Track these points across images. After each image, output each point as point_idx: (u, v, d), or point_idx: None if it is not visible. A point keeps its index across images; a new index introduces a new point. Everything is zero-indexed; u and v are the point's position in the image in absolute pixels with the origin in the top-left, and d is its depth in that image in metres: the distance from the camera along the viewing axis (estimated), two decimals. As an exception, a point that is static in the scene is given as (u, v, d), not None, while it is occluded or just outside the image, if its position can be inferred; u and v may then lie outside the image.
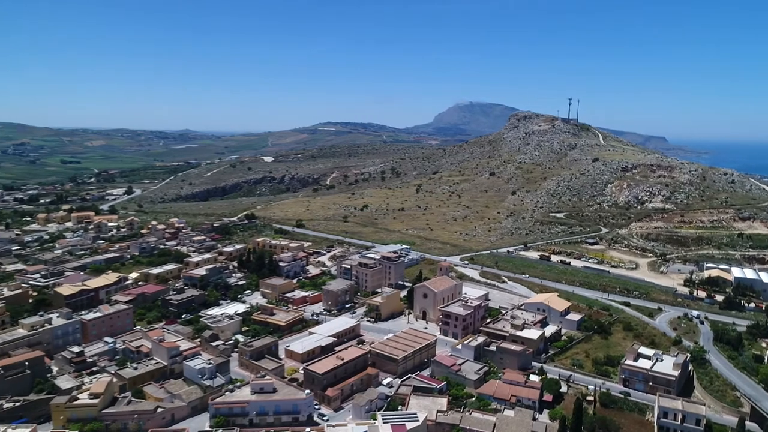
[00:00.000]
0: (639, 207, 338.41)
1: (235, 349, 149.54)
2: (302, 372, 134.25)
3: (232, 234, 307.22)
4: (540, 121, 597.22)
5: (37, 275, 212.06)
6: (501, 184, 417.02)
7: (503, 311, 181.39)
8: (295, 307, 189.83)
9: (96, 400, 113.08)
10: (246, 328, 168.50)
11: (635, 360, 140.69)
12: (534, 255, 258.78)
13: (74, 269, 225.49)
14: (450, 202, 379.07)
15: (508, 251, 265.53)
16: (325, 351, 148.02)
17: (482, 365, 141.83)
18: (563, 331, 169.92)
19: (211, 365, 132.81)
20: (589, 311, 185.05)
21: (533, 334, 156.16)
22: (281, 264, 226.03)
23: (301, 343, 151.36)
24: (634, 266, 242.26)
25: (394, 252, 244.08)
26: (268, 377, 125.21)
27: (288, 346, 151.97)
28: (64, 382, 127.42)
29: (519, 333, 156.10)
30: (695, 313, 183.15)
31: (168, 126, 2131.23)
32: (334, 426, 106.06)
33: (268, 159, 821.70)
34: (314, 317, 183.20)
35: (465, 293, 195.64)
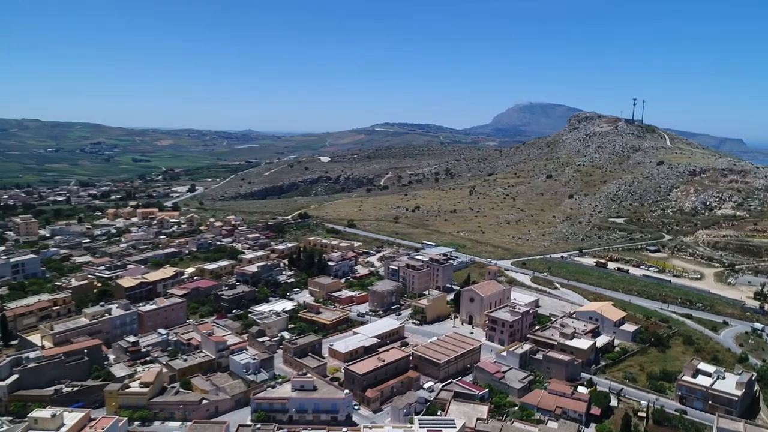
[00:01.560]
0: (707, 213, 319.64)
1: (280, 346, 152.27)
2: (343, 371, 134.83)
3: (286, 232, 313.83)
4: (602, 123, 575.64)
5: (102, 267, 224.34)
6: (558, 187, 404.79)
7: (553, 319, 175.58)
8: (341, 307, 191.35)
9: (146, 389, 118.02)
10: (292, 326, 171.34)
11: (694, 376, 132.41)
12: (589, 261, 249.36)
13: (136, 262, 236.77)
14: (504, 205, 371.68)
15: (562, 257, 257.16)
16: (368, 351, 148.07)
17: (527, 374, 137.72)
18: (616, 342, 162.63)
19: (255, 360, 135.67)
20: (646, 322, 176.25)
21: (583, 343, 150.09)
22: (330, 263, 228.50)
23: (344, 343, 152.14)
24: (699, 276, 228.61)
25: (443, 254, 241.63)
26: (309, 375, 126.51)
27: (331, 345, 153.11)
28: (119, 370, 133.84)
29: (568, 342, 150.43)
30: (765, 328, 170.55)
31: (232, 126, 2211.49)
32: (370, 428, 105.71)
33: (325, 159, 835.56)
34: (360, 317, 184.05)
35: (514, 299, 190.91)
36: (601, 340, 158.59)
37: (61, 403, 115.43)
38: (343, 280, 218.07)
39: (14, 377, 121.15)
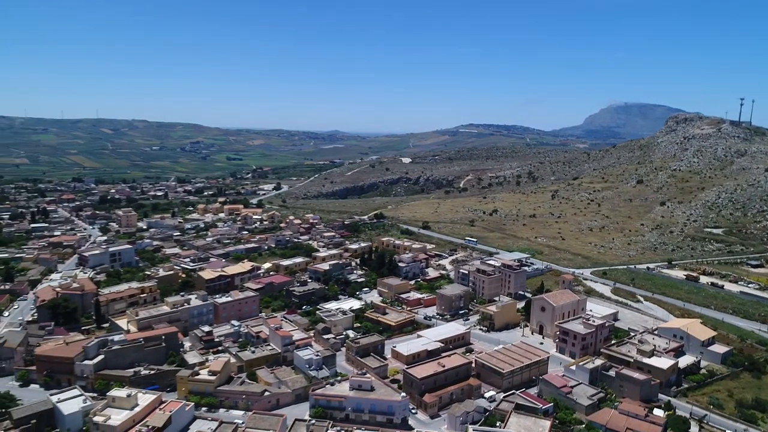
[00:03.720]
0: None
1: (344, 344, 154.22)
2: (402, 374, 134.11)
3: (361, 232, 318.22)
4: (703, 124, 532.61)
5: (188, 259, 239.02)
6: (649, 193, 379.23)
7: (632, 334, 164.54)
8: (408, 308, 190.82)
9: (213, 377, 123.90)
10: (358, 325, 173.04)
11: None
12: (679, 274, 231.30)
13: (219, 256, 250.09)
14: (587, 211, 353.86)
15: (648, 268, 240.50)
16: (431, 355, 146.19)
17: (597, 390, 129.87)
18: (703, 363, 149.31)
19: (318, 357, 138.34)
20: (740, 344, 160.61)
21: (663, 362, 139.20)
22: (400, 264, 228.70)
23: (407, 345, 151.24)
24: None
25: (517, 260, 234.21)
26: (367, 375, 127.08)
27: (394, 347, 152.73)
28: (192, 357, 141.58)
29: (646, 360, 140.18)
30: None
31: (319, 127, 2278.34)
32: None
33: (406, 160, 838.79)
34: (426, 320, 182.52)
35: (590, 310, 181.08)
36: (685, 360, 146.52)
37: (139, 384, 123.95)
38: (412, 282, 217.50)
39: (100, 357, 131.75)
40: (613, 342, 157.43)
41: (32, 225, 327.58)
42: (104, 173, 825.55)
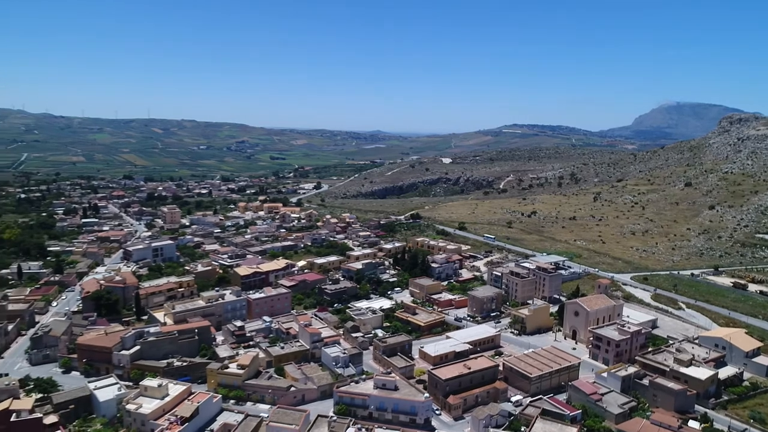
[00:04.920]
0: None
1: (372, 343, 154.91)
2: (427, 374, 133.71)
3: (396, 232, 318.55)
4: (759, 125, 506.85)
5: (226, 256, 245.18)
6: (697, 197, 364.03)
7: (671, 342, 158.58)
8: (439, 309, 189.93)
9: (241, 371, 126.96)
10: (387, 324, 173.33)
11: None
12: (726, 281, 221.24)
13: (256, 253, 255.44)
14: (631, 214, 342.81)
15: (692, 274, 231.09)
16: (459, 357, 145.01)
17: (629, 399, 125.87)
18: (746, 375, 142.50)
19: (345, 355, 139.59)
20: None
21: (701, 373, 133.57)
22: (433, 265, 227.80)
23: (435, 346, 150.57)
24: None
25: (554, 263, 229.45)
26: (392, 374, 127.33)
27: (422, 347, 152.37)
28: (223, 351, 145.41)
29: (683, 369, 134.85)
30: None
31: (361, 127, 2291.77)
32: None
33: (447, 160, 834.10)
34: (456, 321, 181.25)
35: (627, 316, 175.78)
36: (726, 371, 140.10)
37: (171, 375, 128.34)
38: (445, 283, 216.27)
39: (136, 348, 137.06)
40: (649, 350, 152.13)
41: (83, 220, 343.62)
42: (153, 171, 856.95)
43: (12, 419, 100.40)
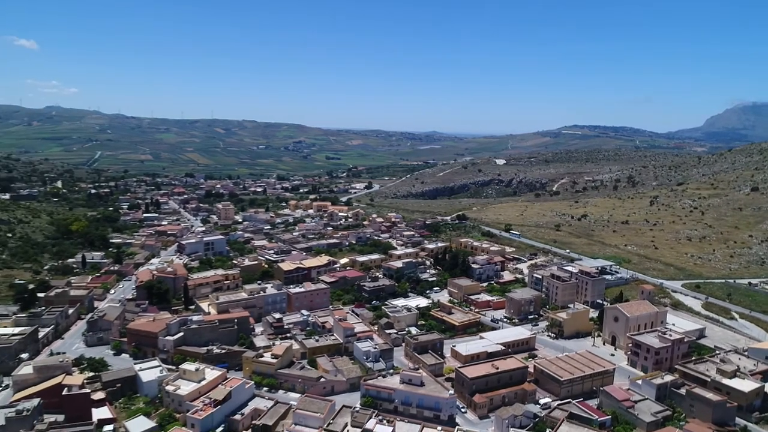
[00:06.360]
0: None
1: (404, 340, 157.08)
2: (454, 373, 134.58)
3: (441, 232, 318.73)
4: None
5: (272, 251, 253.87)
6: (763, 202, 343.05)
7: (717, 352, 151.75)
8: (476, 310, 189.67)
9: (275, 360, 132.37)
10: (422, 322, 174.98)
11: None
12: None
13: (301, 250, 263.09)
14: (688, 219, 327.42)
15: (750, 283, 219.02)
16: (491, 357, 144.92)
17: (663, 408, 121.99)
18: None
19: (376, 350, 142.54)
20: None
21: (745, 385, 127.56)
22: (474, 266, 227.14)
23: (467, 346, 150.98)
24: None
25: (600, 267, 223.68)
26: (419, 370, 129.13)
27: (454, 346, 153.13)
28: (260, 341, 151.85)
29: (725, 381, 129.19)
30: None
31: (417, 128, 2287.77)
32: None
33: (500, 162, 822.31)
34: (493, 323, 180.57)
35: (672, 324, 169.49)
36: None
37: (211, 361, 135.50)
38: (485, 284, 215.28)
39: (180, 335, 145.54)
40: (692, 359, 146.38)
41: (145, 215, 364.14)
42: (214, 170, 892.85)
43: (63, 393, 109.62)
